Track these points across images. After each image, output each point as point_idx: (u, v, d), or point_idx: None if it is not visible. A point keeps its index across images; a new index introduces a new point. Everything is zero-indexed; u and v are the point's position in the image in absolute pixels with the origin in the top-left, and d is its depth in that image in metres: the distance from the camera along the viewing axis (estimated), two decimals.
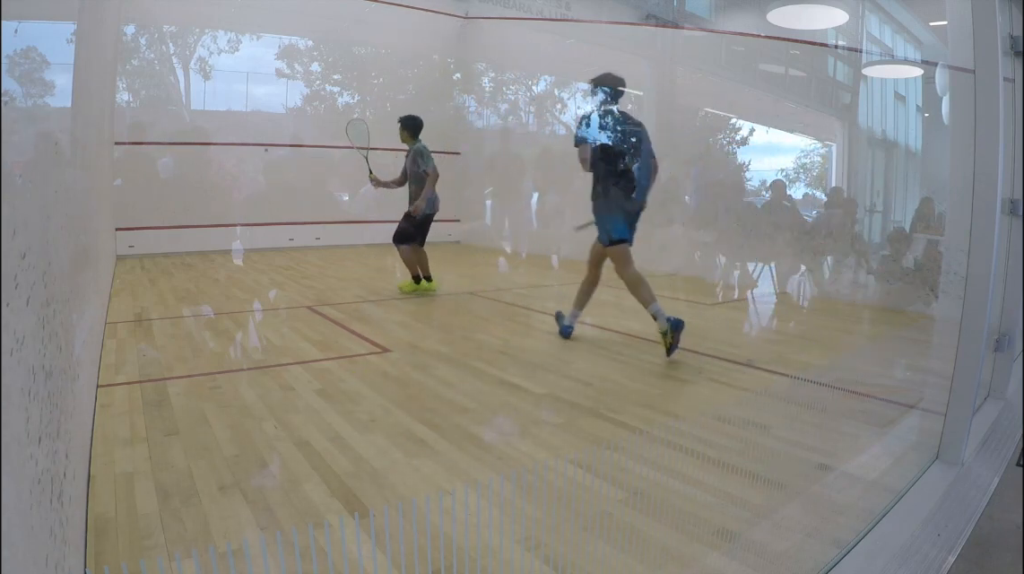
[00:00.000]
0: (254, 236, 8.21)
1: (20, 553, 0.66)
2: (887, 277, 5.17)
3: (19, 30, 0.89)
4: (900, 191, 6.27)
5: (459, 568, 1.41)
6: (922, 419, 2.47)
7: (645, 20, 7.96)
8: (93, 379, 2.56)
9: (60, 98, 1.56)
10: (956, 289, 4.09)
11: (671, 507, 1.71)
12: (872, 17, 6.51)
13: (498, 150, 9.96)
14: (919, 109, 6.19)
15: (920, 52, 6.23)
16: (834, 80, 7.16)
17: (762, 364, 3.22)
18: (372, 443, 2.09)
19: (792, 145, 7.60)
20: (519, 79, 10.07)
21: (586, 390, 2.73)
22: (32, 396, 0.82)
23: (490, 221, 9.58)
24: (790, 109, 7.52)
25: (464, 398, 2.59)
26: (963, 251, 1.87)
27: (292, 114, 8.83)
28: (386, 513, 1.67)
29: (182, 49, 8.01)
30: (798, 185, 7.49)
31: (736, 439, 2.25)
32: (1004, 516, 1.73)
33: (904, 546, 1.51)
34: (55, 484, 0.94)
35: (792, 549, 1.52)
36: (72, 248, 1.66)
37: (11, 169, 0.75)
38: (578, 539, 1.54)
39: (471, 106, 10.50)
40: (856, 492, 1.87)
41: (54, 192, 1.23)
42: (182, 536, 1.50)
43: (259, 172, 8.32)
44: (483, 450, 2.08)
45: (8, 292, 0.69)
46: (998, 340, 2.52)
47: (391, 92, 9.70)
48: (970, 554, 1.52)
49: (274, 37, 8.57)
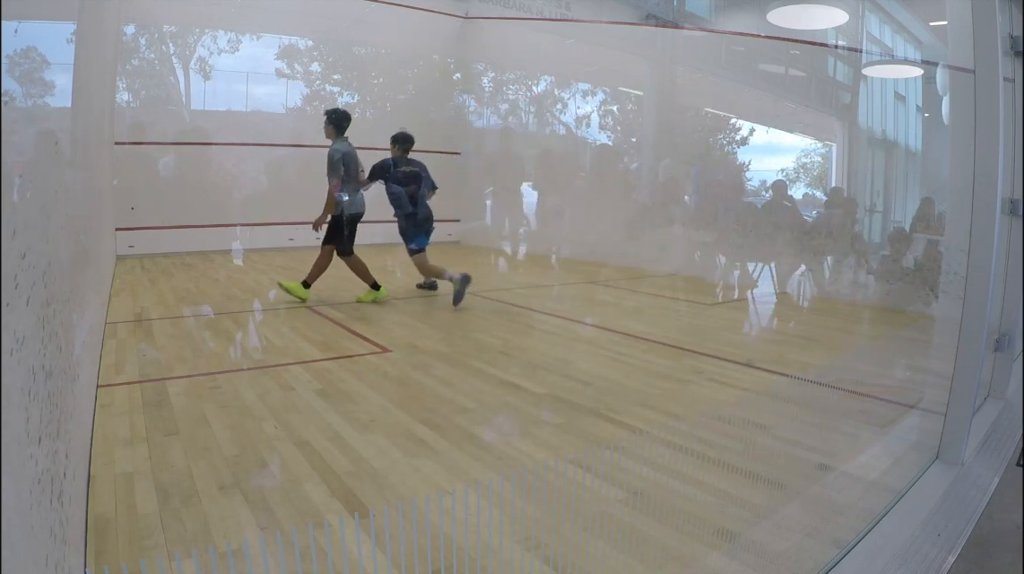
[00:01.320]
0: (254, 236, 8.21)
1: (20, 553, 0.66)
2: (887, 277, 5.17)
3: (19, 30, 0.89)
4: (900, 191, 6.28)
5: (459, 568, 1.41)
6: (922, 419, 2.47)
7: (645, 20, 7.96)
8: (93, 379, 2.56)
9: (60, 98, 1.56)
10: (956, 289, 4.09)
11: (671, 507, 1.71)
12: (872, 17, 6.51)
13: (498, 150, 9.95)
14: (919, 109, 6.19)
15: (920, 52, 6.23)
16: (834, 80, 7.16)
17: (762, 364, 3.22)
18: (372, 443, 2.09)
19: (792, 145, 7.61)
20: (519, 79, 10.07)
21: (586, 390, 2.73)
22: (32, 396, 0.82)
23: (490, 221, 9.57)
24: (790, 109, 7.52)
25: (464, 398, 2.59)
26: (963, 251, 1.87)
27: (292, 114, 8.82)
28: (386, 513, 1.67)
29: (182, 49, 8.00)
30: (798, 185, 7.49)
31: (736, 439, 2.25)
32: (1004, 516, 1.73)
33: (904, 546, 1.51)
34: (55, 484, 0.94)
35: (792, 549, 1.52)
36: (72, 248, 1.66)
37: (11, 169, 0.75)
38: (578, 539, 1.54)
39: (471, 106, 10.50)
40: (856, 492, 1.87)
41: (54, 192, 1.23)
42: (182, 536, 1.50)
43: (259, 172, 8.32)
44: (483, 450, 2.08)
45: (8, 292, 0.69)
46: (998, 340, 2.52)
47: (391, 92, 9.70)
48: (970, 554, 1.52)
49: (274, 37, 8.57)
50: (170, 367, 2.95)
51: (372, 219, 4.87)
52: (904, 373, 3.39)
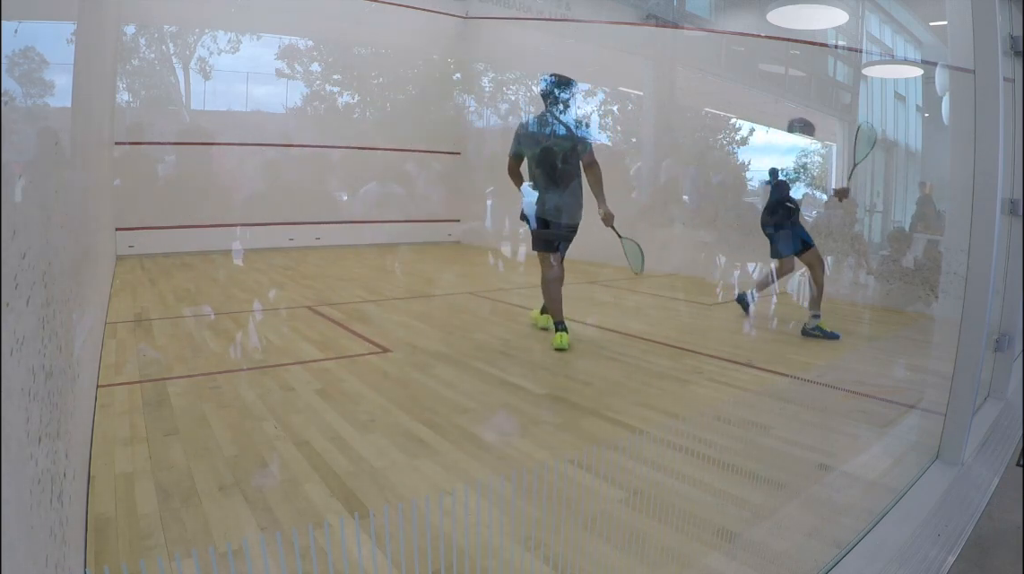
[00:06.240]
0: (254, 236, 8.20)
1: (20, 553, 0.66)
2: (887, 277, 5.16)
3: (19, 30, 0.88)
4: (900, 191, 6.27)
5: (459, 568, 1.41)
6: (922, 419, 2.47)
7: (645, 20, 7.95)
8: (93, 379, 2.56)
9: (60, 98, 1.55)
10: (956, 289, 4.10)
11: (671, 507, 1.70)
12: (872, 17, 6.51)
13: (498, 150, 9.94)
14: (919, 109, 6.19)
15: (920, 52, 6.23)
16: (834, 80, 7.16)
17: (762, 364, 3.22)
18: (372, 443, 2.09)
19: (792, 145, 7.59)
20: (519, 79, 10.06)
21: (586, 390, 2.73)
22: (32, 396, 0.82)
23: (490, 221, 9.57)
24: (790, 109, 7.51)
25: (464, 398, 2.59)
26: (963, 251, 1.87)
27: (292, 114, 8.82)
28: (386, 513, 1.67)
29: (182, 49, 8.00)
30: (798, 185, 7.48)
31: (736, 439, 2.25)
32: (1004, 516, 1.73)
33: (904, 546, 1.51)
34: (55, 484, 0.94)
35: (792, 549, 1.52)
36: (72, 248, 1.66)
37: (11, 169, 0.75)
38: (578, 539, 1.54)
39: (471, 106, 10.49)
40: (856, 492, 1.87)
41: (54, 192, 1.23)
42: (182, 536, 1.50)
43: (259, 172, 8.31)
44: (483, 450, 2.08)
45: (8, 292, 0.69)
46: (998, 340, 2.52)
47: (391, 92, 9.69)
48: (970, 554, 1.52)
49: (274, 37, 8.56)
50: (170, 367, 2.95)
51: (372, 219, 4.86)
52: (904, 373, 3.39)
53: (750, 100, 7.74)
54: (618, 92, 9.27)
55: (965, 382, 1.91)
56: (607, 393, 2.69)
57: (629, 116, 9.12)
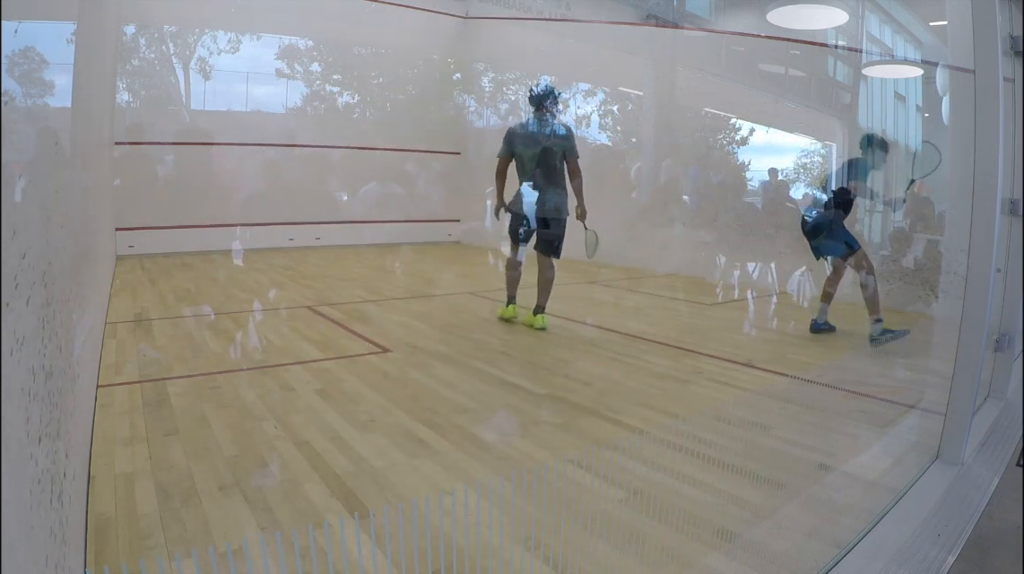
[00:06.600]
0: (254, 236, 8.20)
1: (20, 553, 0.66)
2: (887, 277, 5.16)
3: (19, 30, 0.88)
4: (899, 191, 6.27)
5: (459, 568, 1.41)
6: (922, 419, 2.47)
7: (645, 20, 7.95)
8: (93, 379, 2.56)
9: (60, 98, 1.55)
10: (956, 289, 4.10)
11: (671, 507, 1.71)
12: (872, 17, 6.51)
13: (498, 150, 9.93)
14: (919, 109, 6.19)
15: (920, 52, 6.22)
16: (834, 80, 7.16)
17: (762, 364, 3.22)
18: (372, 443, 2.09)
19: (792, 145, 7.60)
20: (519, 79, 10.06)
21: (586, 390, 2.73)
22: (32, 396, 0.82)
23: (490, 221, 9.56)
24: (790, 109, 7.51)
25: (464, 398, 2.59)
26: (963, 251, 1.87)
27: (292, 114, 8.82)
28: (386, 513, 1.67)
29: (182, 49, 8.00)
30: (798, 185, 7.48)
31: (736, 439, 2.25)
32: (1004, 516, 1.73)
33: (904, 546, 1.51)
34: (55, 484, 0.94)
35: (792, 549, 1.52)
36: (72, 248, 1.66)
37: (11, 169, 0.75)
38: (578, 539, 1.54)
39: (471, 106, 10.49)
40: (856, 492, 1.87)
41: (54, 192, 1.23)
42: (182, 536, 1.50)
43: (259, 172, 8.31)
44: (483, 450, 2.08)
45: (8, 292, 0.69)
46: (998, 340, 2.52)
47: (391, 92, 9.69)
48: (970, 554, 1.52)
49: (274, 37, 8.56)
50: (170, 367, 2.95)
51: (372, 219, 4.86)
52: (904, 373, 3.39)
53: (750, 100, 7.74)
54: (618, 92, 9.27)
55: (965, 382, 1.91)
56: (607, 393, 2.69)
57: (629, 116, 9.12)
